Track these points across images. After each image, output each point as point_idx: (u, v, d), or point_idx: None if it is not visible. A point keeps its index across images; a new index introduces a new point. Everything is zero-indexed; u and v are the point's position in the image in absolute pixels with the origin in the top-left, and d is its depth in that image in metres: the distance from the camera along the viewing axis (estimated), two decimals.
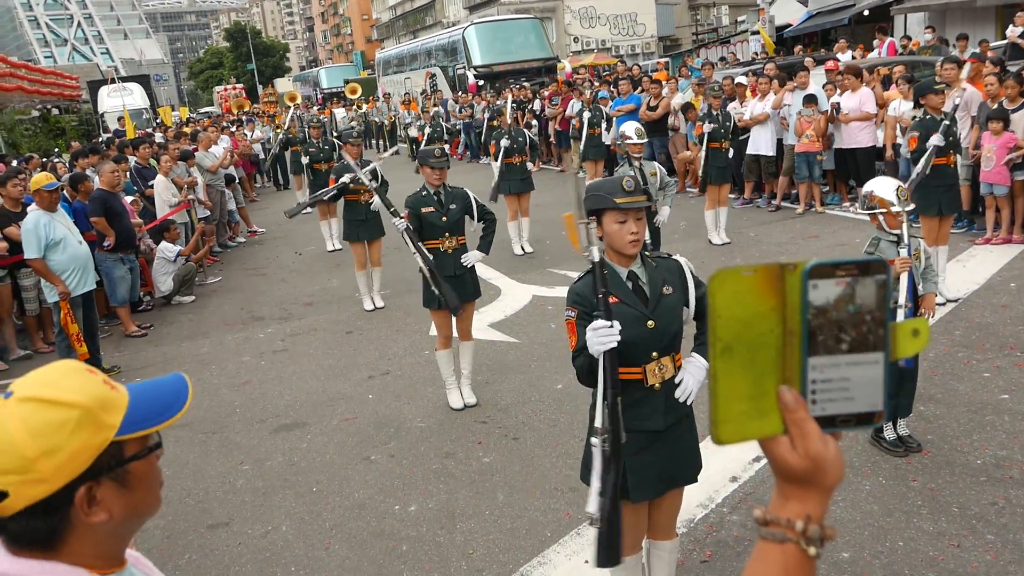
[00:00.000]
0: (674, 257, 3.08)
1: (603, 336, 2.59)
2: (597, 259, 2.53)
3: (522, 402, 5.93)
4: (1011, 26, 14.27)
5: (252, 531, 4.62)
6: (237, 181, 14.72)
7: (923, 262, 4.37)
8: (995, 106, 8.51)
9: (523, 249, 10.39)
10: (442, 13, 57.01)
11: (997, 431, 4.77)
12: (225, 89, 53.24)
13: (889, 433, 4.60)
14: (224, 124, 19.43)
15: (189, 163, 11.81)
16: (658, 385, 2.92)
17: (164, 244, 9.98)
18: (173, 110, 36.19)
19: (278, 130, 20.58)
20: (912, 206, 4.36)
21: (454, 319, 5.88)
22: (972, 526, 3.89)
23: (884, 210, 4.29)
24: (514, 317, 7.86)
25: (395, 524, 4.51)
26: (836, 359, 0.89)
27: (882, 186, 4.37)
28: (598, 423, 2.60)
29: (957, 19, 21.22)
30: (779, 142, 11.42)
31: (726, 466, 4.63)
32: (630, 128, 7.18)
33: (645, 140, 7.26)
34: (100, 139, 23.37)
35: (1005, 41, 14.17)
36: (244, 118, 24.33)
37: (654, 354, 2.90)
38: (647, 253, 3.03)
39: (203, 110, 58.34)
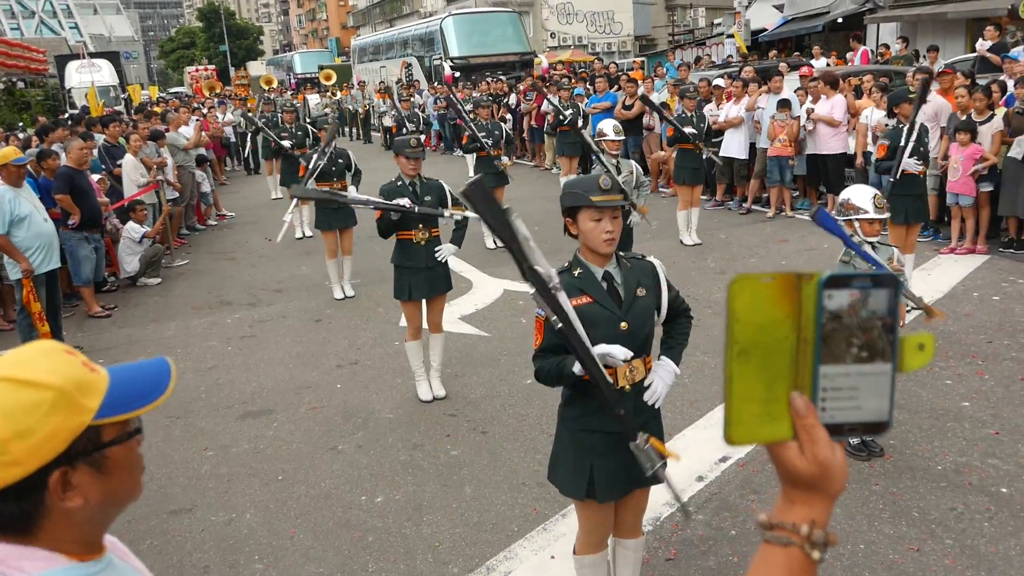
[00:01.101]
0: (648, 259, 3.08)
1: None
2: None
3: (491, 396, 5.92)
4: (980, 39, 14.52)
5: (215, 518, 4.57)
6: (208, 163, 14.52)
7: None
8: (964, 118, 8.66)
9: (495, 243, 10.36)
10: (419, 2, 56.69)
11: (957, 438, 4.86)
12: (197, 70, 52.41)
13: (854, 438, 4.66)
14: (195, 106, 19.14)
15: (159, 143, 11.62)
16: (628, 387, 2.93)
17: (131, 224, 9.83)
18: (143, 89, 35.56)
19: (249, 114, 20.36)
20: (888, 214, 4.42)
21: (424, 311, 5.86)
22: (932, 531, 3.97)
23: (860, 217, 4.35)
24: (485, 311, 7.86)
25: (361, 515, 4.49)
26: (846, 368, 0.91)
27: (859, 194, 4.43)
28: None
29: (928, 30, 21.56)
30: (751, 146, 11.53)
31: (692, 466, 4.67)
32: (608, 125, 7.20)
33: (623, 138, 7.28)
34: (66, 115, 22.93)
35: (975, 54, 14.41)
36: (216, 100, 24.00)
37: (630, 354, 2.90)
38: (621, 254, 3.03)
39: (173, 90, 57.46)
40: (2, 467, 1.15)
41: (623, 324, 2.87)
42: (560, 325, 2.53)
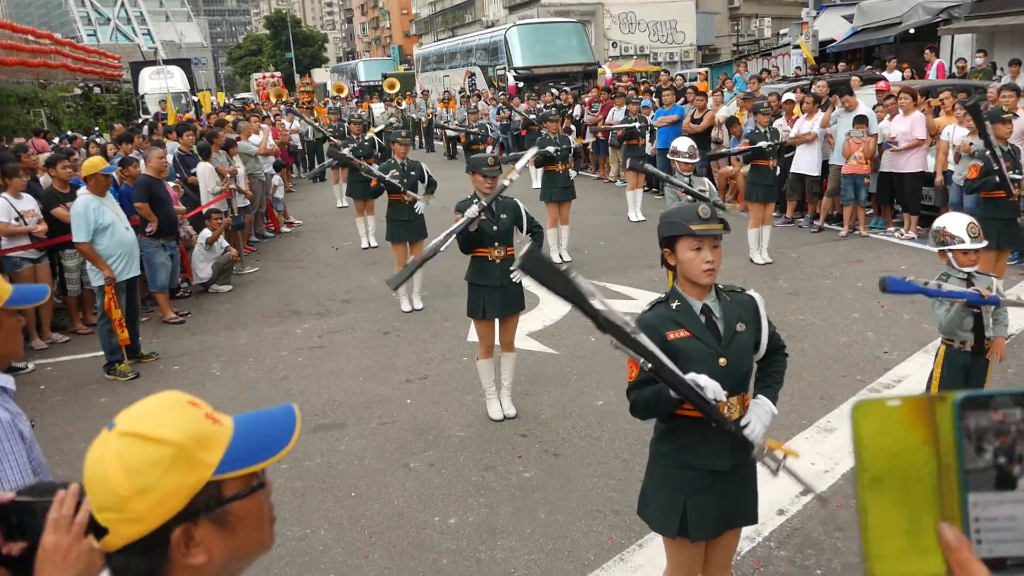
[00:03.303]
0: (748, 292, 3.00)
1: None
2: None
3: (562, 416, 5.86)
4: None
5: (291, 533, 4.59)
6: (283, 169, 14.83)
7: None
8: None
9: (561, 257, 10.33)
10: (482, 11, 57.14)
11: None
12: (263, 77, 53.54)
13: None
14: (264, 114, 19.50)
15: (231, 152, 11.84)
16: None
17: (206, 232, 10.02)
18: (212, 95, 36.45)
19: (316, 123, 20.68)
20: (984, 243, 4.25)
21: (497, 329, 5.84)
22: None
23: (955, 248, 4.19)
24: (553, 327, 7.80)
25: (435, 536, 4.47)
26: (1001, 495, 0.83)
27: (953, 222, 4.26)
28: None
29: (1006, 43, 20.86)
30: (824, 162, 11.27)
31: (772, 498, 4.54)
32: (683, 144, 7.10)
33: (697, 159, 7.17)
34: (139, 120, 23.60)
35: None
36: (284, 108, 24.42)
37: (725, 392, 2.82)
38: (721, 286, 2.96)
39: (239, 96, 58.78)
40: (124, 524, 1.16)
41: (721, 360, 2.79)
42: (650, 366, 2.51)
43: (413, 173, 8.54)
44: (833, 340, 7.04)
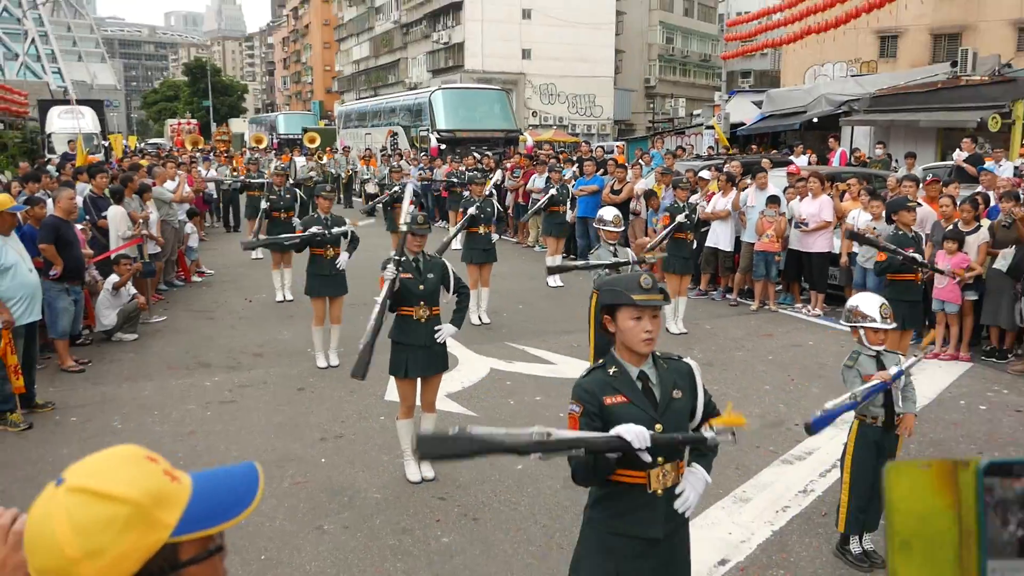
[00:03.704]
0: (685, 360, 3.04)
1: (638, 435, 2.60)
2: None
3: (481, 480, 5.77)
4: (958, 150, 15.03)
5: None
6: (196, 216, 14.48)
7: (903, 380, 4.44)
8: (949, 227, 8.87)
9: (480, 319, 10.32)
10: (405, 73, 57.82)
11: None
12: (179, 123, 52.60)
13: (855, 547, 4.60)
14: (180, 160, 19.09)
15: (145, 197, 11.51)
16: (660, 491, 2.85)
17: (113, 277, 9.63)
18: (124, 139, 35.49)
19: (235, 172, 20.40)
20: (894, 324, 4.44)
21: (419, 389, 5.75)
22: None
23: (866, 325, 4.37)
24: (472, 389, 7.74)
25: None
26: (1019, 563, 0.85)
27: (867, 302, 4.45)
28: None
29: (901, 136, 22.30)
30: (737, 238, 11.69)
31: (695, 569, 4.55)
32: (609, 214, 7.26)
33: (622, 228, 7.33)
34: (45, 160, 22.73)
35: (950, 162, 14.89)
36: (200, 155, 23.99)
37: (660, 459, 2.83)
38: (658, 354, 2.99)
39: (152, 141, 57.47)
40: None
41: (658, 426, 2.81)
42: (583, 449, 2.59)
43: (337, 228, 8.45)
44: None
